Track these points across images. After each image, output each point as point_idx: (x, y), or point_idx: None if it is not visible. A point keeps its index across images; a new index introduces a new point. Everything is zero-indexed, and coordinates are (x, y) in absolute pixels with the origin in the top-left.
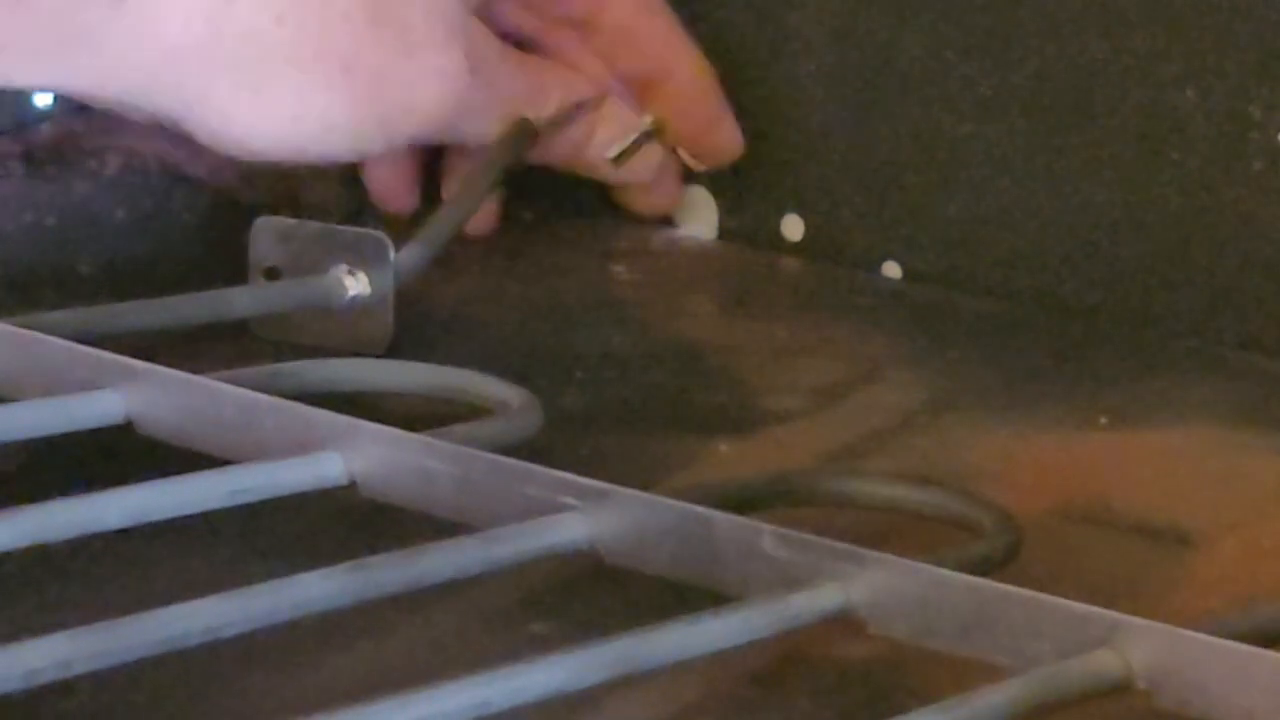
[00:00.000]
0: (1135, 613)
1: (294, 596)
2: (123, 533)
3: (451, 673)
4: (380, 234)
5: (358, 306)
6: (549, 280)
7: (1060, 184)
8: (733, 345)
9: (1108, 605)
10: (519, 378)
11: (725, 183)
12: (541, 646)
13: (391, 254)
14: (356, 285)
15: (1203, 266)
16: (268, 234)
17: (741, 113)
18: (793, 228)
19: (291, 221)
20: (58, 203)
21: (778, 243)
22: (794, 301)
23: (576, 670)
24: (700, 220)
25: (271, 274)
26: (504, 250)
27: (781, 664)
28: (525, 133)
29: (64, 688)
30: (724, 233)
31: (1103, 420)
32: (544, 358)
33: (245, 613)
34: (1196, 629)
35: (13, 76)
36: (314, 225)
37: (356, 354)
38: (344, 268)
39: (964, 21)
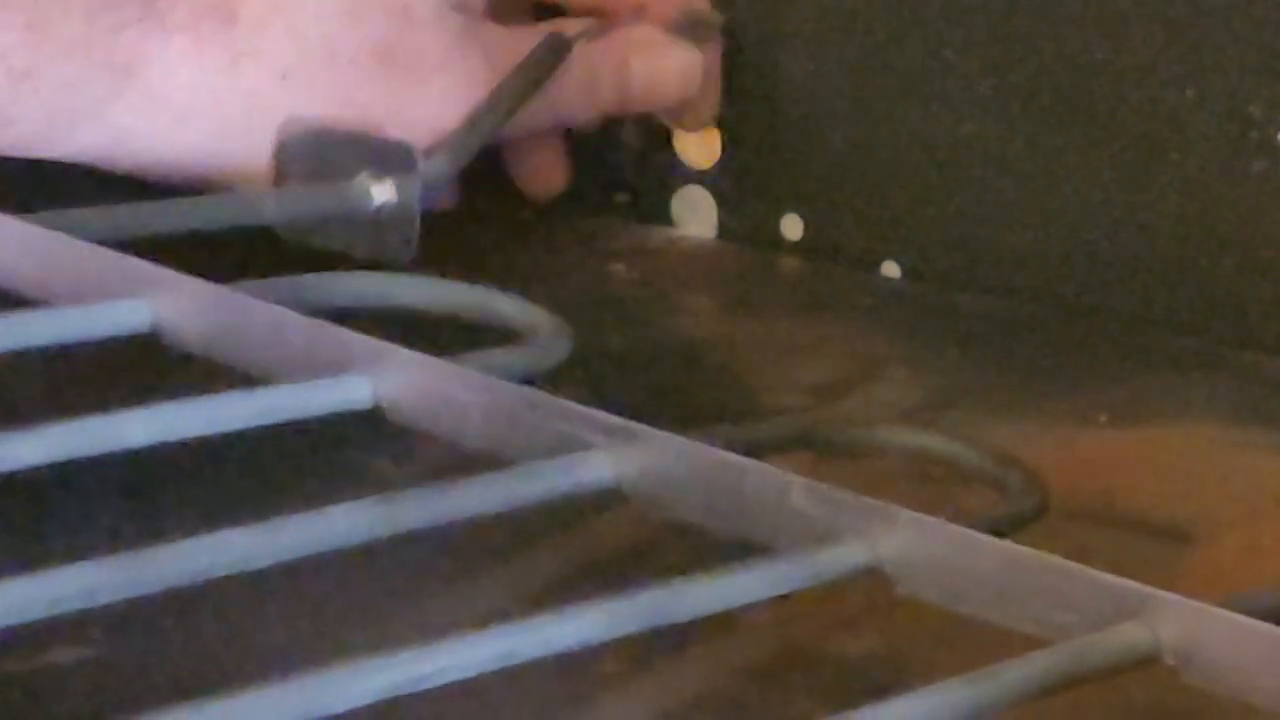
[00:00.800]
0: None
1: (320, 530)
2: (148, 451)
3: (474, 622)
4: (407, 142)
5: (383, 214)
6: (549, 280)
7: (1060, 184)
8: (733, 344)
9: None
10: None
11: (725, 182)
12: (566, 596)
13: (418, 162)
14: (383, 193)
15: (1203, 266)
16: (295, 139)
17: (741, 112)
18: (793, 227)
19: (319, 127)
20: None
21: (777, 242)
22: (794, 301)
23: (603, 622)
24: (700, 220)
25: (298, 179)
26: (504, 250)
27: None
28: (557, 46)
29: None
30: (724, 232)
31: (1102, 419)
32: None
33: (271, 546)
34: (1225, 607)
35: (23, 149)
36: (341, 132)
37: (380, 263)
38: (370, 175)
39: (964, 21)
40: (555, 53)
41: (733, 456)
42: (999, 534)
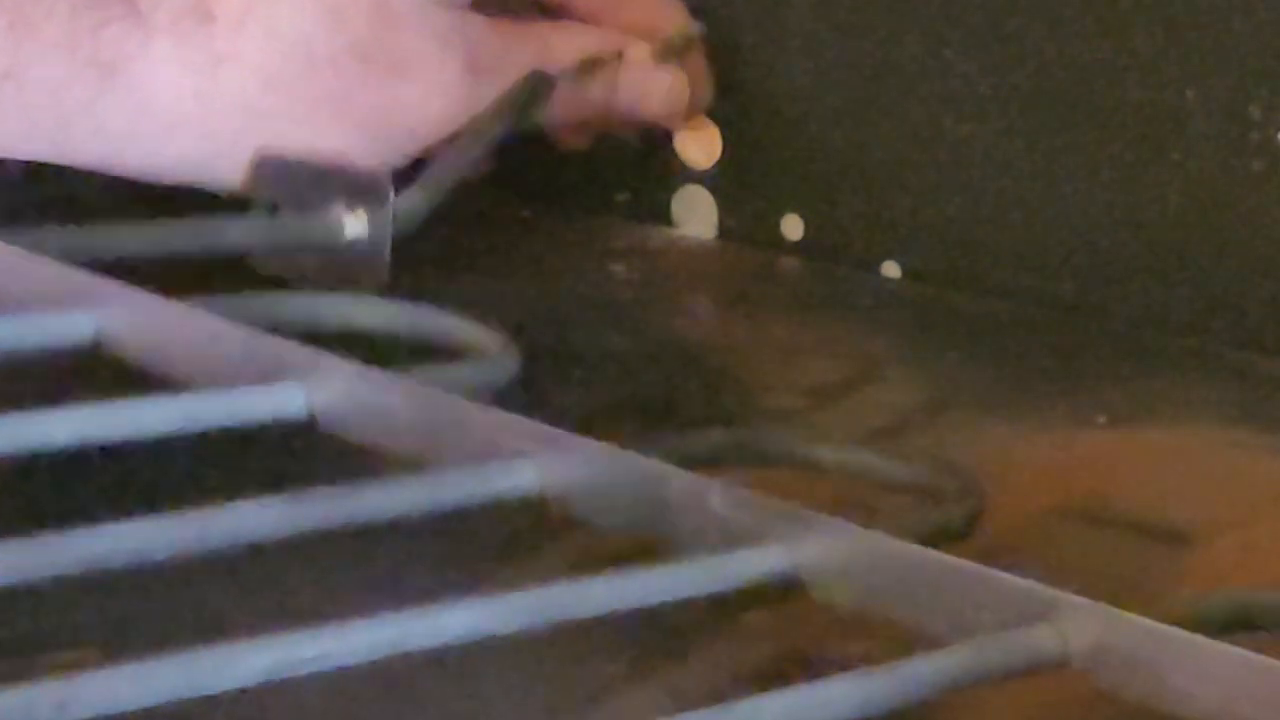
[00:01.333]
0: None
1: (227, 524)
2: (78, 454)
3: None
4: (380, 175)
5: (354, 247)
6: (548, 280)
7: (1060, 184)
8: (732, 345)
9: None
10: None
11: (725, 182)
12: (473, 591)
13: (391, 195)
14: (354, 225)
15: (1203, 266)
16: (268, 169)
17: (741, 112)
18: (792, 227)
19: (293, 158)
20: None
21: (777, 242)
22: (794, 301)
23: (497, 615)
24: (700, 220)
25: (271, 209)
26: (503, 250)
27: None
28: (539, 84)
29: None
30: (724, 232)
31: (1101, 419)
32: (543, 357)
33: (174, 537)
34: (1143, 613)
35: (8, 150)
36: (315, 163)
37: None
38: (343, 207)
39: (964, 21)
40: (537, 89)
41: (655, 464)
42: (929, 544)
